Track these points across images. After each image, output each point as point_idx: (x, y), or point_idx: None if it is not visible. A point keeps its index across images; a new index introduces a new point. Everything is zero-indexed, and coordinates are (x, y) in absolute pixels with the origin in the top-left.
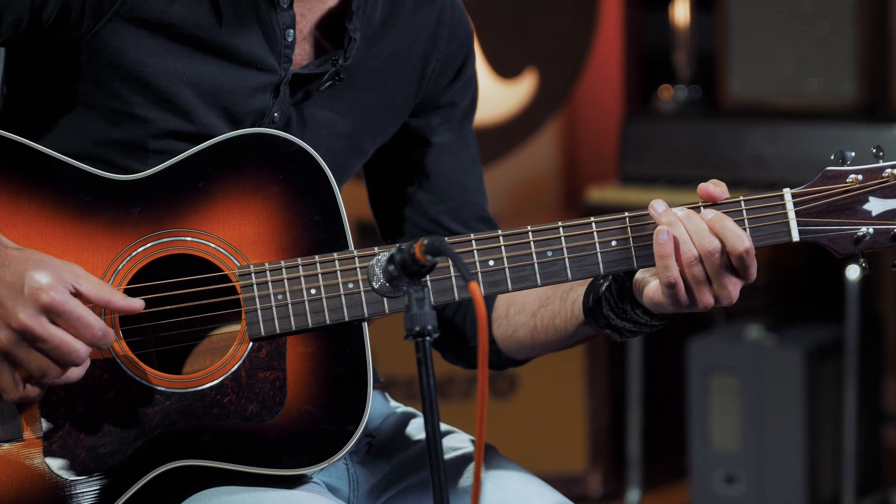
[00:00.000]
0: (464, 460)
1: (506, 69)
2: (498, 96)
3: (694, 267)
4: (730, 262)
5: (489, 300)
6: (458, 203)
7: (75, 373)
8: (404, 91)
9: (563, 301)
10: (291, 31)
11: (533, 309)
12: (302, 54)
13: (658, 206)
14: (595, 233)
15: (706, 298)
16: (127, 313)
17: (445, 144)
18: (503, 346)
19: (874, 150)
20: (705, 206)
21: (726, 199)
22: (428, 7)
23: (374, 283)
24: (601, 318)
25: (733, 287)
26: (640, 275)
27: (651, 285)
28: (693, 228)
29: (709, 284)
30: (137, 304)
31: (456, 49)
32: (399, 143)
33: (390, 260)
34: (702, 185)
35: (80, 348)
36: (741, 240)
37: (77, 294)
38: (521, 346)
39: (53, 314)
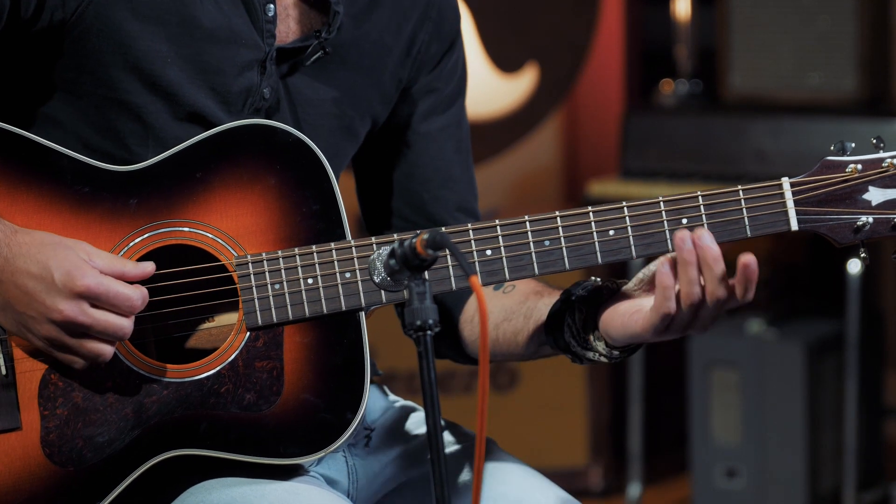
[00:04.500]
0: (464, 454)
1: (506, 63)
2: (498, 90)
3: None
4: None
5: (461, 301)
6: (440, 192)
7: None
8: (392, 71)
9: (527, 319)
10: (272, 5)
11: (496, 321)
12: (287, 31)
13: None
14: (592, 222)
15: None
16: (142, 279)
17: (429, 132)
18: (467, 349)
19: (874, 141)
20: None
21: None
22: None
23: (375, 278)
24: (562, 341)
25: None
26: (614, 309)
27: (633, 318)
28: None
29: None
30: (149, 267)
31: (444, 31)
32: (384, 132)
33: (391, 254)
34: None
35: (126, 324)
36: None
37: None
38: None
39: (91, 298)
